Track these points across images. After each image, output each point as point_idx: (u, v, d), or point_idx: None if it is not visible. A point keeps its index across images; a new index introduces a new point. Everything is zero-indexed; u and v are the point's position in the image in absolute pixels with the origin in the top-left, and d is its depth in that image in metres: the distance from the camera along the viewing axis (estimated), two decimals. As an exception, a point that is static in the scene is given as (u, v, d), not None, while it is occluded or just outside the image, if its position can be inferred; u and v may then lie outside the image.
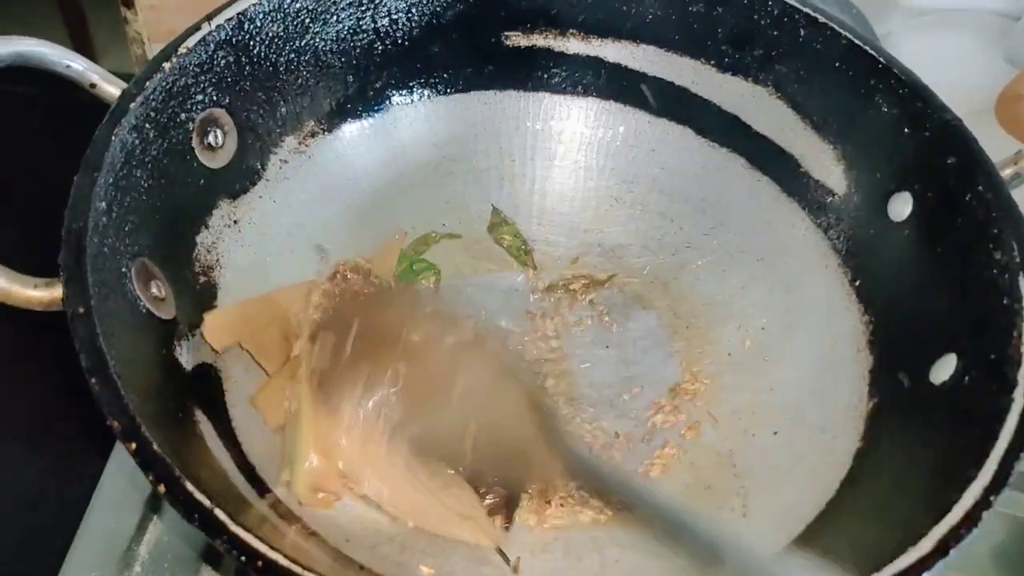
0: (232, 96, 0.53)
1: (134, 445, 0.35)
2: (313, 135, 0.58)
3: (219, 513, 0.34)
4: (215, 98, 0.52)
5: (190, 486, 0.34)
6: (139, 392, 0.38)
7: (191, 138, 0.50)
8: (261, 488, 0.43)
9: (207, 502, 0.34)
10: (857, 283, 0.55)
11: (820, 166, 0.57)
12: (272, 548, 0.33)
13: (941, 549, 0.36)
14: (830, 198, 0.57)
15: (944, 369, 0.46)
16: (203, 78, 0.51)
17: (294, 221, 0.57)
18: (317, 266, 0.57)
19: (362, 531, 0.46)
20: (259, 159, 0.55)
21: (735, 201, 0.60)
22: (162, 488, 0.34)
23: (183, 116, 0.50)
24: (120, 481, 0.50)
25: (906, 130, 0.53)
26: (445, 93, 0.62)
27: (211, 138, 0.52)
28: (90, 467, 0.51)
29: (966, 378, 0.45)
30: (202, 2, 0.52)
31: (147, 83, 0.47)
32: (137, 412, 0.36)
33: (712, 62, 0.59)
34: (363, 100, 0.59)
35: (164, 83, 0.48)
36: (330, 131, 0.59)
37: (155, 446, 0.35)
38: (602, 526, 0.49)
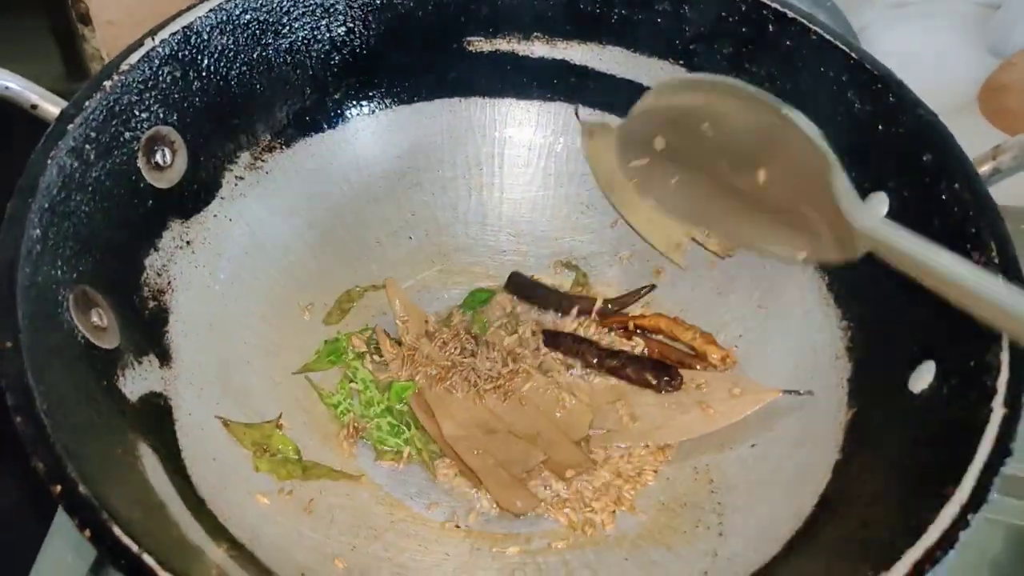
0: (180, 113, 0.51)
1: (59, 487, 0.33)
2: (270, 150, 0.56)
3: (147, 559, 0.32)
4: (161, 115, 0.50)
5: (117, 530, 0.32)
6: (71, 430, 0.36)
7: (136, 158, 0.48)
8: (210, 522, 0.42)
9: (135, 547, 0.32)
10: (834, 288, 0.53)
11: (794, 167, 0.55)
12: (205, 595, 0.32)
13: (915, 574, 0.34)
14: (805, 199, 0.54)
15: (923, 377, 0.44)
16: (148, 95, 0.49)
17: (252, 240, 0.55)
18: (277, 285, 0.55)
19: (318, 564, 0.44)
20: (212, 176, 0.53)
21: (709, 205, 0.58)
22: (87, 533, 0.32)
23: (127, 135, 0.48)
24: (63, 550, 0.47)
25: (880, 127, 0.51)
26: (407, 102, 0.60)
27: (159, 157, 0.50)
28: (30, 536, 0.48)
29: (944, 387, 0.43)
30: (161, 16, 0.50)
31: (86, 103, 0.46)
32: (64, 452, 0.34)
33: (680, 62, 0.57)
34: (321, 112, 0.58)
35: (105, 102, 0.46)
36: (287, 145, 0.57)
37: (81, 488, 0.33)
38: (573, 550, 0.48)
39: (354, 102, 0.59)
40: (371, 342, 0.55)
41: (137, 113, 0.48)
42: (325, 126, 0.58)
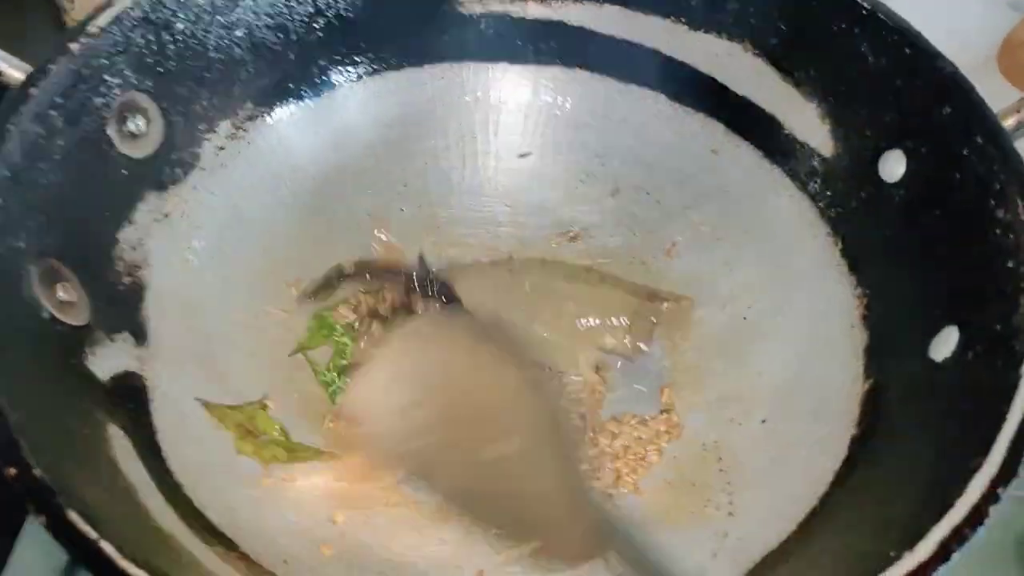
0: (155, 78, 0.48)
1: (13, 470, 0.31)
2: (251, 118, 0.53)
3: (105, 546, 0.29)
4: (134, 81, 0.47)
5: (74, 515, 0.30)
6: (30, 409, 0.34)
7: (108, 126, 0.46)
8: (185, 508, 0.39)
9: (93, 533, 0.30)
10: (849, 252, 0.50)
11: (804, 127, 0.52)
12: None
13: (942, 554, 0.31)
14: (816, 161, 0.52)
15: (945, 344, 0.41)
16: (119, 59, 0.46)
17: (234, 213, 0.52)
18: (261, 260, 0.52)
19: (303, 550, 0.42)
20: (190, 146, 0.51)
21: (714, 170, 0.56)
22: (43, 519, 0.30)
23: (97, 102, 0.45)
24: (33, 557, 0.45)
25: (897, 82, 0.48)
26: (396, 68, 0.57)
27: (132, 125, 0.47)
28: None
29: (969, 353, 0.40)
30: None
31: (52, 67, 0.43)
32: (20, 431, 0.32)
33: (683, 19, 0.54)
34: (305, 78, 0.55)
35: (72, 67, 0.44)
36: (270, 113, 0.54)
37: (37, 470, 0.31)
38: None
39: (340, 68, 0.56)
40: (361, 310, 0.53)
41: (108, 78, 0.46)
42: (310, 93, 0.55)
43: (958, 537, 0.32)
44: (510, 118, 0.59)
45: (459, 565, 0.44)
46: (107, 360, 0.42)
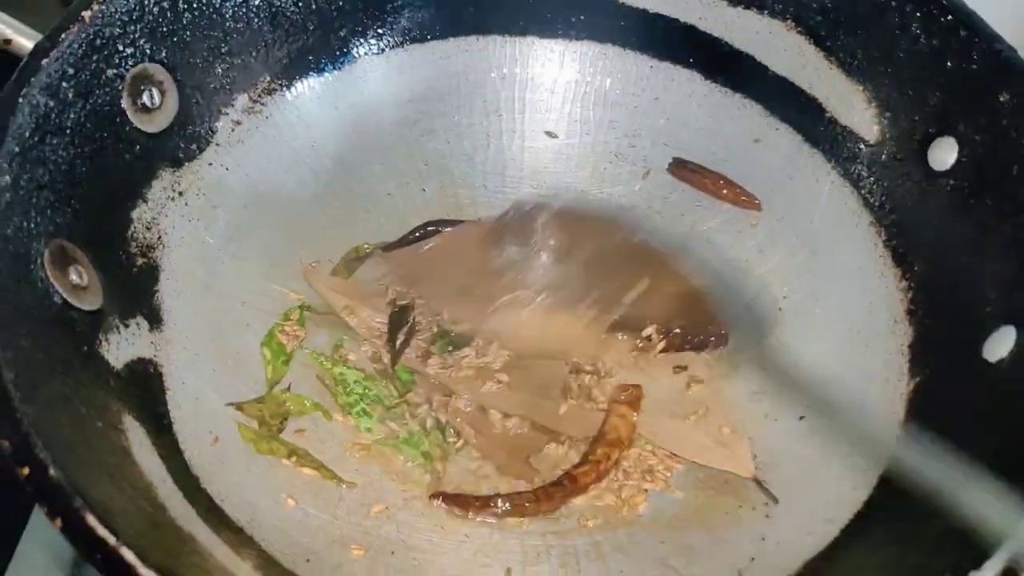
0: (169, 49, 0.46)
1: (26, 469, 0.29)
2: (269, 92, 0.51)
3: (126, 552, 0.28)
4: (149, 51, 0.45)
5: (92, 518, 0.28)
6: (42, 402, 0.32)
7: (121, 98, 0.44)
8: (204, 504, 0.37)
9: (112, 539, 0.28)
10: (893, 243, 0.48)
11: (848, 110, 0.50)
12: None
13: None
14: (860, 146, 0.50)
15: (1001, 344, 0.40)
16: (132, 28, 0.44)
17: (251, 190, 0.50)
18: (278, 241, 0.50)
19: (325, 547, 0.40)
20: (207, 121, 0.49)
21: (750, 154, 0.53)
22: (58, 522, 0.28)
23: (110, 73, 0.43)
24: (40, 549, 0.43)
25: (948, 64, 0.46)
26: (420, 40, 0.55)
27: (146, 98, 0.45)
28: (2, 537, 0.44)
29: (1029, 355, 0.38)
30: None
31: (63, 36, 0.41)
32: (33, 428, 0.30)
33: (723, -8, 0.52)
34: (326, 51, 0.53)
35: (84, 35, 0.42)
36: (289, 87, 0.52)
37: (52, 470, 0.29)
38: (604, 531, 0.43)
39: (362, 40, 0.53)
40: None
41: (121, 48, 0.44)
42: (330, 66, 0.53)
43: (1029, 555, 0.30)
44: (537, 95, 0.57)
45: (485, 564, 0.42)
46: (121, 347, 0.40)
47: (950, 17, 0.45)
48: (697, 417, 0.47)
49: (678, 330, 0.49)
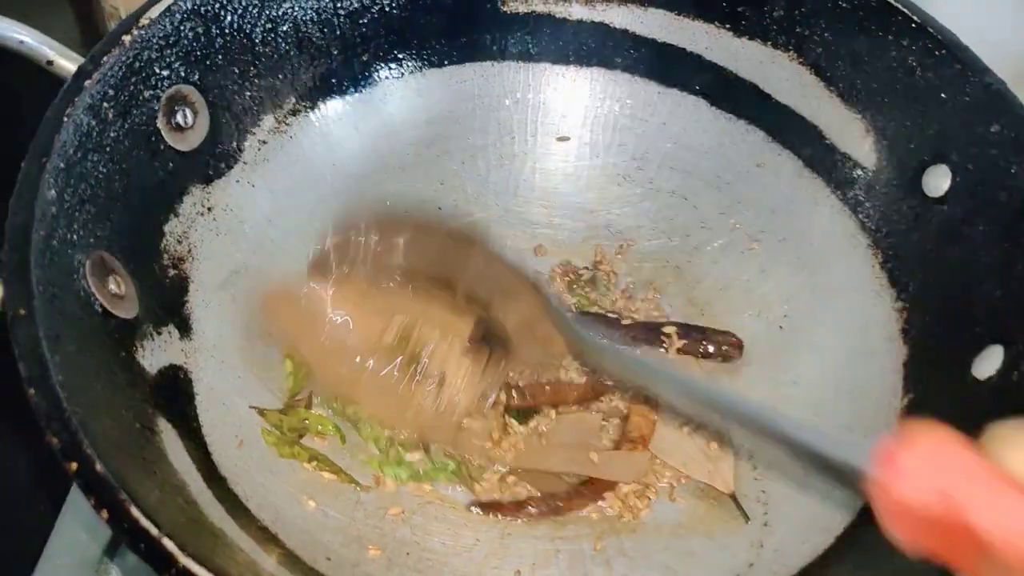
0: (202, 71, 0.48)
1: (75, 465, 0.31)
2: (294, 113, 0.53)
3: (167, 543, 0.30)
4: (183, 74, 0.47)
5: (136, 511, 0.30)
6: (87, 404, 0.34)
7: (156, 118, 0.46)
8: (231, 502, 0.40)
9: (154, 530, 0.30)
10: (889, 266, 0.50)
11: (847, 138, 0.52)
12: (228, 582, 0.29)
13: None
14: (858, 172, 0.52)
15: (989, 362, 0.42)
16: (168, 52, 0.46)
17: (275, 207, 0.52)
18: (301, 254, 0.52)
19: (343, 546, 0.42)
20: (235, 140, 0.51)
21: (753, 178, 0.56)
22: (105, 514, 0.30)
23: (147, 94, 0.45)
24: (75, 530, 0.45)
25: (943, 95, 0.48)
26: (438, 65, 0.57)
27: (179, 118, 0.47)
28: (42, 518, 0.46)
29: (1014, 373, 0.40)
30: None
31: (104, 59, 0.43)
32: (81, 427, 0.32)
33: (727, 25, 0.54)
34: (348, 74, 0.55)
35: (124, 58, 0.44)
36: (313, 108, 0.54)
37: (99, 466, 0.31)
38: (610, 537, 0.45)
39: (383, 64, 0.56)
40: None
41: (157, 71, 0.46)
42: (352, 89, 0.55)
43: None
44: (549, 119, 0.59)
45: (495, 566, 0.44)
46: (155, 354, 0.42)
47: (944, 52, 0.47)
48: (691, 428, 0.49)
49: (696, 334, 0.51)
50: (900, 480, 0.30)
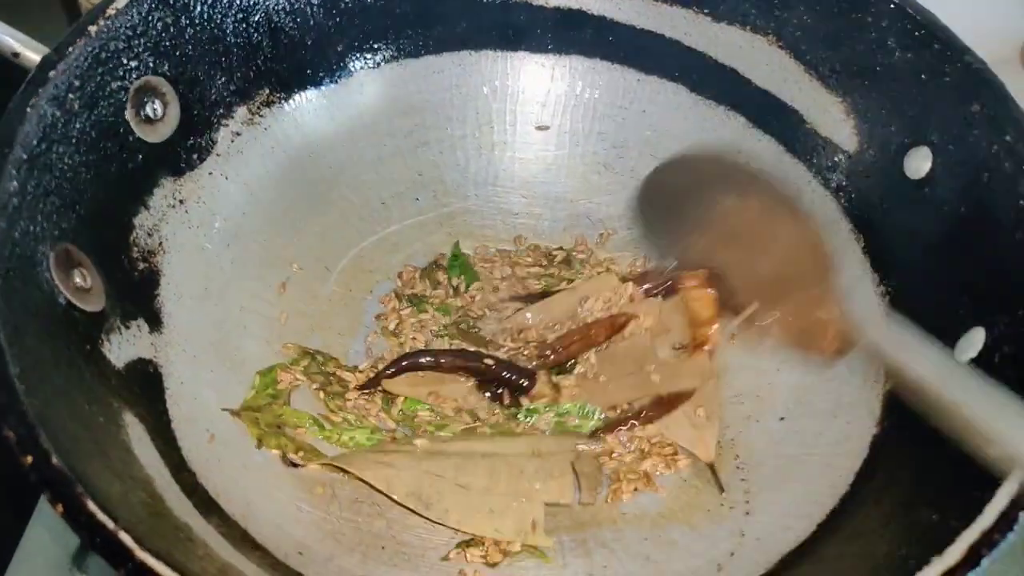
0: (172, 62, 0.47)
1: (30, 458, 0.30)
2: (268, 104, 0.53)
3: (124, 536, 0.29)
4: (152, 65, 0.46)
5: (92, 505, 0.30)
6: (46, 397, 0.33)
7: (125, 109, 0.45)
8: (199, 496, 0.39)
9: (111, 523, 0.29)
10: (871, 249, 0.49)
11: (827, 121, 0.52)
12: None
13: (972, 558, 0.31)
14: (839, 156, 0.51)
15: (971, 345, 0.41)
16: (137, 42, 0.46)
17: (250, 199, 0.52)
18: (276, 247, 0.52)
19: (317, 541, 0.41)
20: (207, 132, 0.50)
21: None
22: (60, 508, 0.30)
23: (115, 85, 0.45)
24: (44, 539, 0.45)
25: (923, 76, 0.47)
26: (414, 55, 0.56)
27: (149, 109, 0.47)
28: (11, 528, 0.45)
29: (996, 355, 0.39)
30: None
31: (70, 49, 0.42)
32: (38, 419, 0.31)
33: (706, 11, 0.54)
34: (323, 65, 0.54)
35: (90, 49, 0.43)
36: (287, 99, 0.53)
37: (55, 459, 0.30)
38: (590, 528, 0.45)
39: (358, 54, 0.55)
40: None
41: (125, 61, 0.45)
42: (327, 79, 0.55)
43: (988, 542, 0.31)
44: (527, 108, 0.59)
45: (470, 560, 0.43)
46: (122, 347, 0.42)
47: (923, 32, 0.47)
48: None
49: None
50: None
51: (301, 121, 0.54)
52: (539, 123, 0.58)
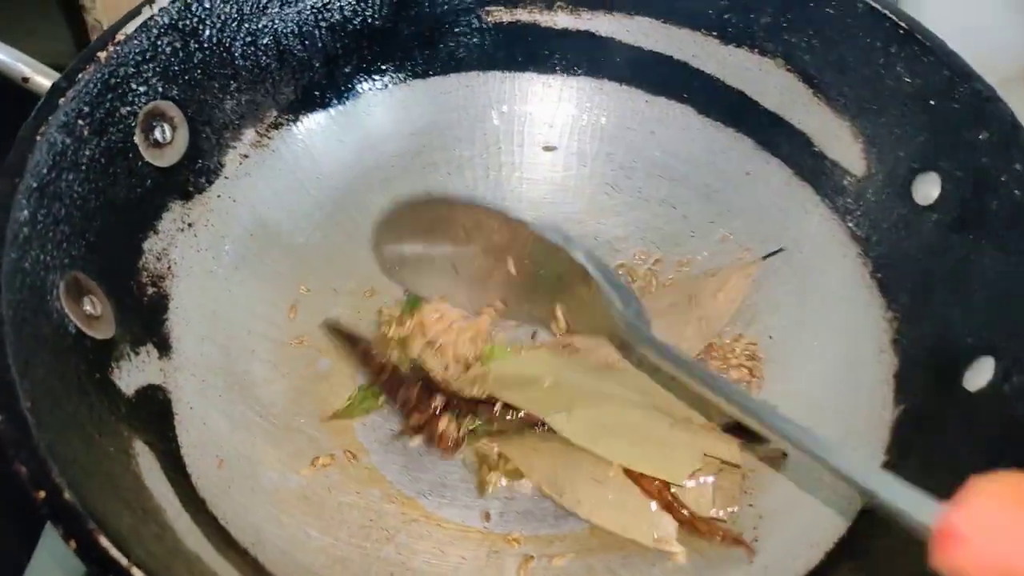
0: (180, 86, 0.48)
1: (43, 493, 0.31)
2: (276, 126, 0.53)
3: (136, 573, 0.29)
4: (160, 89, 0.47)
5: (104, 540, 0.30)
6: (57, 429, 0.34)
7: (134, 135, 0.46)
8: (210, 526, 0.39)
9: (124, 560, 0.29)
10: (879, 275, 0.49)
11: (836, 145, 0.51)
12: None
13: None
14: (848, 180, 0.51)
15: (980, 374, 0.41)
16: (146, 67, 0.46)
17: (258, 222, 0.52)
18: (284, 270, 0.52)
19: (326, 568, 0.41)
20: (215, 155, 0.50)
21: (742, 186, 0.55)
22: (73, 544, 0.30)
23: (124, 111, 0.45)
24: (51, 567, 0.44)
25: (932, 102, 0.47)
26: (422, 76, 0.57)
27: (158, 133, 0.47)
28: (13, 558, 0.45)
29: (1006, 385, 0.39)
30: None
31: (79, 76, 0.43)
32: (49, 454, 0.31)
33: (714, 33, 0.54)
34: (331, 86, 0.54)
35: (100, 75, 0.43)
36: (295, 121, 0.54)
37: (67, 494, 0.31)
38: (598, 553, 0.45)
39: (366, 76, 0.55)
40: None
41: (134, 86, 0.45)
42: (335, 101, 0.55)
43: None
44: (535, 129, 0.59)
45: (482, 586, 0.43)
46: (132, 374, 0.42)
47: (932, 58, 0.47)
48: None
49: None
50: (962, 549, 0.28)
51: (309, 143, 0.54)
52: (547, 144, 0.58)
